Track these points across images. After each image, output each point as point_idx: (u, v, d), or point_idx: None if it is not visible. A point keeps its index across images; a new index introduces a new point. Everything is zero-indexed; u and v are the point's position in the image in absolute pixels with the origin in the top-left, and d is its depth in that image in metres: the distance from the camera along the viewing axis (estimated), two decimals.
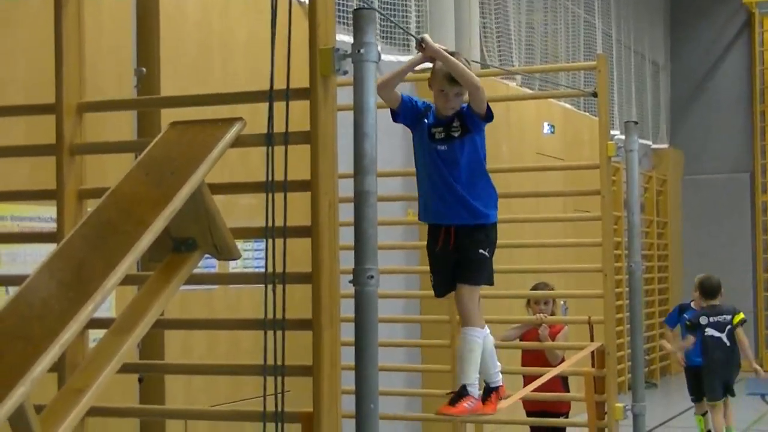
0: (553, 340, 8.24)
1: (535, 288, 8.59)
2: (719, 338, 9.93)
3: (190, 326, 5.67)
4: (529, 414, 8.46)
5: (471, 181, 5.49)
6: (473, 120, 5.49)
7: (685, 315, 10.73)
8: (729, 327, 9.92)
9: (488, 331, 5.61)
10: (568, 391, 8.51)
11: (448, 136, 5.48)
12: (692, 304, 10.82)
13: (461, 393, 5.43)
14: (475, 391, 5.49)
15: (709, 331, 9.95)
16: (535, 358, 8.32)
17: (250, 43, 6.96)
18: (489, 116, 5.53)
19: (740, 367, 10.24)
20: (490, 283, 5.72)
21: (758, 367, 10.50)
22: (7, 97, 5.32)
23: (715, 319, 9.97)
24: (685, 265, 18.46)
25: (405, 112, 5.54)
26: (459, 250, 5.52)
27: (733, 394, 10.08)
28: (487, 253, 5.55)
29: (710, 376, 10.00)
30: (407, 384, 9.38)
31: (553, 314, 8.40)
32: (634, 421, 7.47)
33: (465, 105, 5.54)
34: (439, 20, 10.41)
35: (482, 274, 5.58)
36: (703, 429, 10.70)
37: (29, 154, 4.94)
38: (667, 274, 18.21)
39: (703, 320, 9.98)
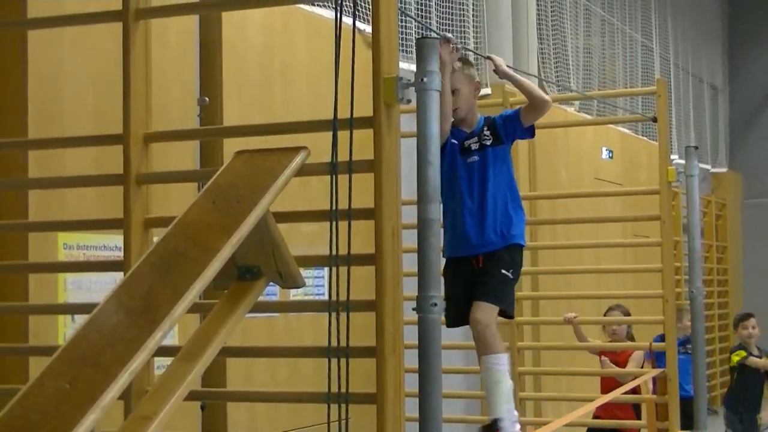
0: (624, 364, 8.24)
1: (609, 310, 8.61)
2: None
3: (254, 354, 5.68)
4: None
5: (503, 196, 5.37)
6: (512, 129, 5.43)
7: None
8: None
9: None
10: (639, 418, 8.49)
11: (482, 146, 5.38)
12: None
13: (492, 428, 5.16)
14: (508, 426, 5.17)
15: None
16: (610, 380, 8.38)
17: (312, 68, 7.01)
18: (532, 130, 5.50)
19: None
20: (510, 315, 5.44)
21: None
22: (76, 128, 5.38)
23: None
24: (746, 290, 18.28)
25: None
26: (481, 272, 5.31)
27: None
28: (510, 275, 5.27)
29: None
30: (466, 410, 9.35)
31: (628, 334, 8.46)
32: None
33: (498, 116, 5.49)
34: (498, 45, 10.41)
35: (503, 294, 5.26)
36: None
37: (97, 183, 4.99)
38: (727, 299, 18.04)
39: None
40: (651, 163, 13.36)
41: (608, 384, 8.42)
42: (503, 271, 5.22)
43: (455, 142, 5.39)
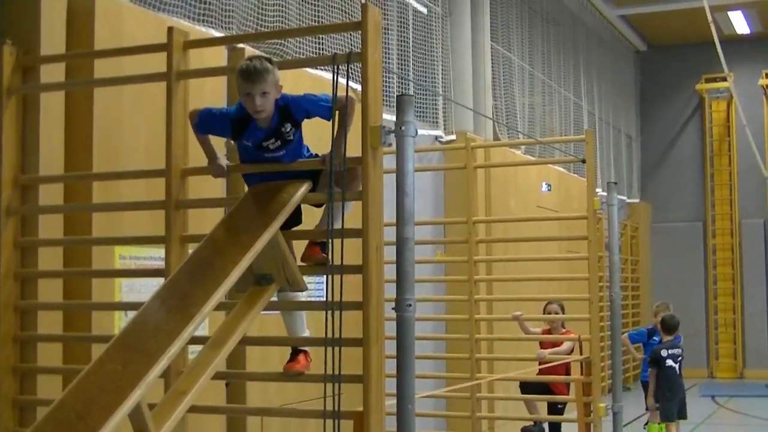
0: (560, 342, 8.42)
1: (548, 303, 8.60)
2: (674, 368, 9.37)
3: (266, 343, 5.66)
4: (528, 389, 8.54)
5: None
6: (313, 114, 4.27)
7: (654, 338, 9.96)
8: (681, 359, 9.39)
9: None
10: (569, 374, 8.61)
11: (284, 142, 4.26)
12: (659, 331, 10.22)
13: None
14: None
15: (669, 362, 9.39)
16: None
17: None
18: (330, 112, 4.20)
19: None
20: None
21: None
22: (131, 164, 5.36)
23: (672, 352, 9.45)
24: (653, 295, 18.34)
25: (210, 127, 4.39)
26: None
27: (686, 417, 9.47)
28: None
29: (670, 402, 9.22)
30: (435, 387, 9.30)
31: (563, 324, 8.65)
32: (613, 418, 7.39)
33: (289, 98, 4.26)
34: (460, 99, 10.45)
35: None
36: None
37: (145, 208, 4.97)
38: (639, 301, 18.05)
39: (664, 353, 9.43)
40: (581, 195, 13.33)
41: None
42: None
43: (249, 144, 4.28)
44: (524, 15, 13.10)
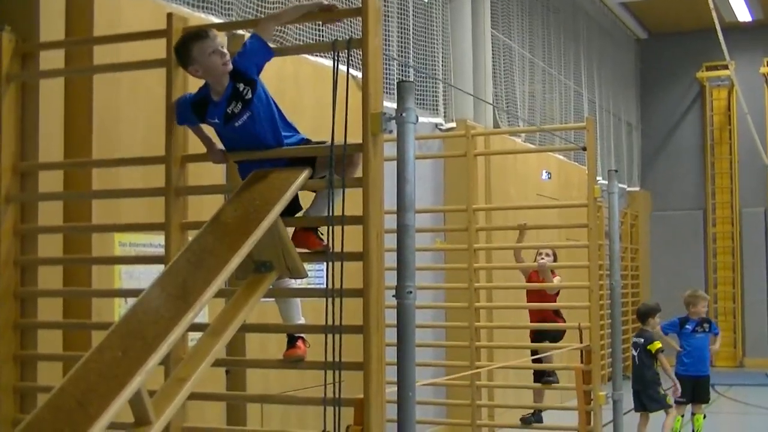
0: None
1: (540, 249, 8.75)
2: (634, 357, 9.32)
3: (265, 330, 5.64)
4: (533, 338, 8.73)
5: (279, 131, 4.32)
6: (251, 64, 4.18)
7: (687, 326, 9.77)
8: (640, 348, 9.17)
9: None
10: (563, 320, 8.76)
11: (245, 102, 4.16)
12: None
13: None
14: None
15: (632, 351, 9.35)
16: (536, 295, 8.68)
17: (317, 107, 6.95)
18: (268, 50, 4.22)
19: (653, 383, 9.24)
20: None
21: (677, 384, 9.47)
22: (129, 151, 5.36)
23: (635, 340, 9.32)
24: (652, 283, 18.36)
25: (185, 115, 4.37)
26: None
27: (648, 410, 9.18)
28: None
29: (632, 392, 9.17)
30: (434, 375, 9.31)
31: (552, 270, 8.65)
32: (613, 406, 7.40)
33: (234, 59, 4.18)
34: (461, 87, 10.41)
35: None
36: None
37: (144, 195, 4.96)
38: (638, 290, 18.03)
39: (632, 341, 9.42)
40: (580, 183, 13.36)
41: (533, 296, 8.76)
42: None
43: (217, 121, 4.24)
44: (525, 2, 13.07)
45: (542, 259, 8.51)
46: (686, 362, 9.71)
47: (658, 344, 9.23)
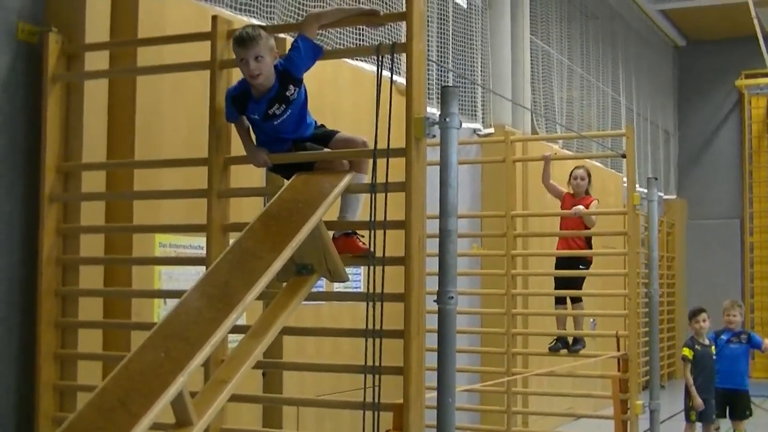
0: (587, 207, 8.21)
1: (576, 168, 8.55)
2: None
3: (304, 333, 5.63)
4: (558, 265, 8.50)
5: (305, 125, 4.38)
6: (301, 64, 4.19)
7: (722, 336, 9.47)
8: None
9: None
10: (591, 248, 8.54)
11: (288, 102, 4.21)
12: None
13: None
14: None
15: None
16: (571, 222, 8.40)
17: (354, 110, 6.94)
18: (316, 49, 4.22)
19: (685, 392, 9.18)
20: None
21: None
22: (172, 153, 5.36)
23: None
24: (687, 292, 18.17)
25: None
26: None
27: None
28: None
29: None
30: (468, 381, 9.26)
31: (587, 191, 8.42)
32: (650, 416, 7.30)
33: (283, 60, 4.21)
34: (500, 93, 10.36)
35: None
36: None
37: (186, 196, 4.97)
38: (674, 298, 17.88)
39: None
40: (616, 190, 13.26)
41: (567, 223, 8.46)
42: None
43: (256, 117, 4.26)
44: (563, 8, 12.99)
45: (576, 182, 8.30)
46: (720, 373, 9.51)
47: (683, 351, 9.16)
